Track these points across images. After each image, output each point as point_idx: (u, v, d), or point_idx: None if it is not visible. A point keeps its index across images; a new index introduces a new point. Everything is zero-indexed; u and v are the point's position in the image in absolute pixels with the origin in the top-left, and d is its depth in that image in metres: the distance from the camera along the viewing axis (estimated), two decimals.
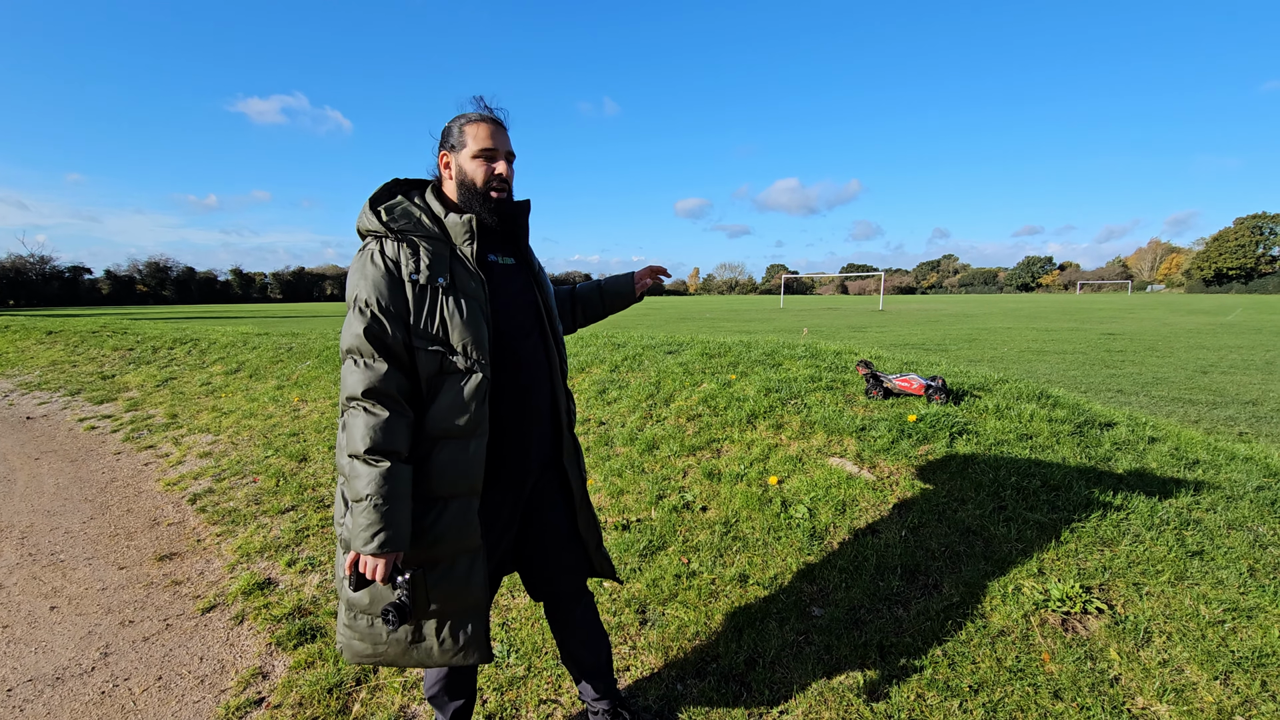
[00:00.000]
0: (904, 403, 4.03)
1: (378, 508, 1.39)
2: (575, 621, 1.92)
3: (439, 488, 1.50)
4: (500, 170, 1.60)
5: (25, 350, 11.84)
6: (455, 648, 1.56)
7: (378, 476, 1.40)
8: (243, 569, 3.29)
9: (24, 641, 2.73)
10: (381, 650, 1.58)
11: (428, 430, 1.50)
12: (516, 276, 1.70)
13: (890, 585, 2.55)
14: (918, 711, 2.00)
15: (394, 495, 1.41)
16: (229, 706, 2.26)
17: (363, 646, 1.58)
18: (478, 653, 1.58)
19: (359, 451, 1.41)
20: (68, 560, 3.52)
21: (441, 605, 1.54)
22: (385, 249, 1.50)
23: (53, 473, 5.12)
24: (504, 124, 1.64)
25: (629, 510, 3.41)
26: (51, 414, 7.31)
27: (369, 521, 1.39)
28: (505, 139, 1.63)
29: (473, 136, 1.59)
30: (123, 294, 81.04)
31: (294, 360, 7.92)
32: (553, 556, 1.84)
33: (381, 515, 1.39)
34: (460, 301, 1.50)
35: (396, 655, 1.58)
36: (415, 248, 1.51)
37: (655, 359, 5.53)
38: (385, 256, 1.49)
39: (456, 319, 1.49)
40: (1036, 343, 13.68)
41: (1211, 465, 3.29)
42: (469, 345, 1.50)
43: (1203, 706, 1.92)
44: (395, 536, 1.41)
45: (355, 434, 1.42)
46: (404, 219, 1.54)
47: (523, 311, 1.69)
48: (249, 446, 5.32)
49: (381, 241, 1.51)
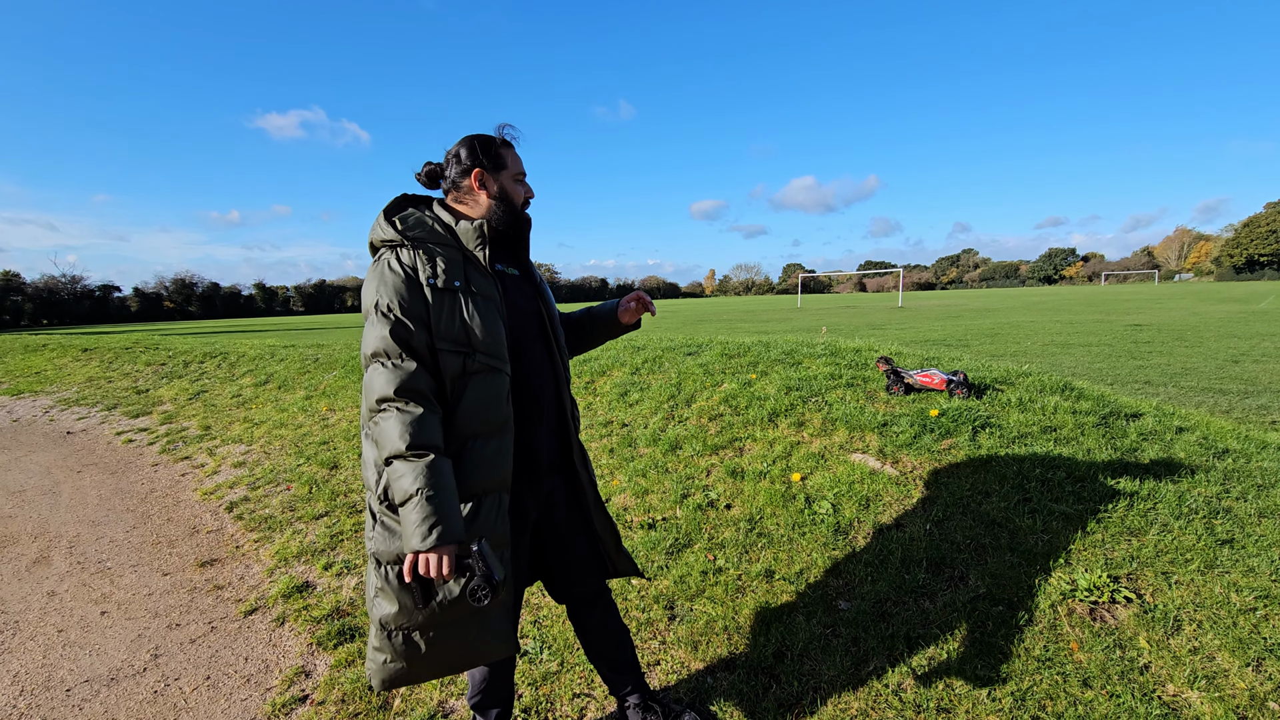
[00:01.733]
0: (926, 398, 4.03)
1: (430, 499, 1.39)
2: (596, 623, 1.98)
3: (473, 485, 1.53)
4: (530, 194, 1.79)
5: (63, 368, 12.21)
6: (490, 644, 1.62)
7: (424, 470, 1.40)
8: (281, 573, 3.40)
9: (78, 645, 2.85)
10: (416, 669, 1.57)
11: (458, 430, 1.53)
12: (521, 286, 1.77)
13: (916, 578, 2.57)
14: (946, 701, 2.02)
15: (443, 487, 1.41)
16: (275, 704, 2.35)
17: (396, 666, 1.56)
18: (505, 645, 1.63)
19: (400, 450, 1.42)
20: (114, 567, 3.65)
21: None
22: (401, 257, 1.55)
23: (95, 485, 5.30)
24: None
25: (654, 509, 3.46)
26: (90, 428, 7.55)
27: (422, 516, 1.38)
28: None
29: (511, 160, 1.74)
30: (151, 310, 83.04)
31: (320, 371, 8.09)
32: (571, 559, 1.88)
33: (435, 507, 1.39)
34: (479, 303, 1.56)
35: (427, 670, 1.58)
36: (431, 254, 1.56)
37: (675, 360, 5.58)
38: (402, 264, 1.54)
39: (477, 320, 1.54)
40: (1061, 336, 13.48)
41: (1242, 454, 3.26)
42: (490, 346, 1.55)
43: (1235, 693, 1.92)
44: (451, 527, 1.40)
45: (392, 434, 1.43)
46: (418, 227, 1.60)
47: (528, 319, 1.75)
48: (281, 455, 5.46)
49: (397, 250, 1.57)
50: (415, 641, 1.55)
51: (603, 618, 1.99)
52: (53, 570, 3.65)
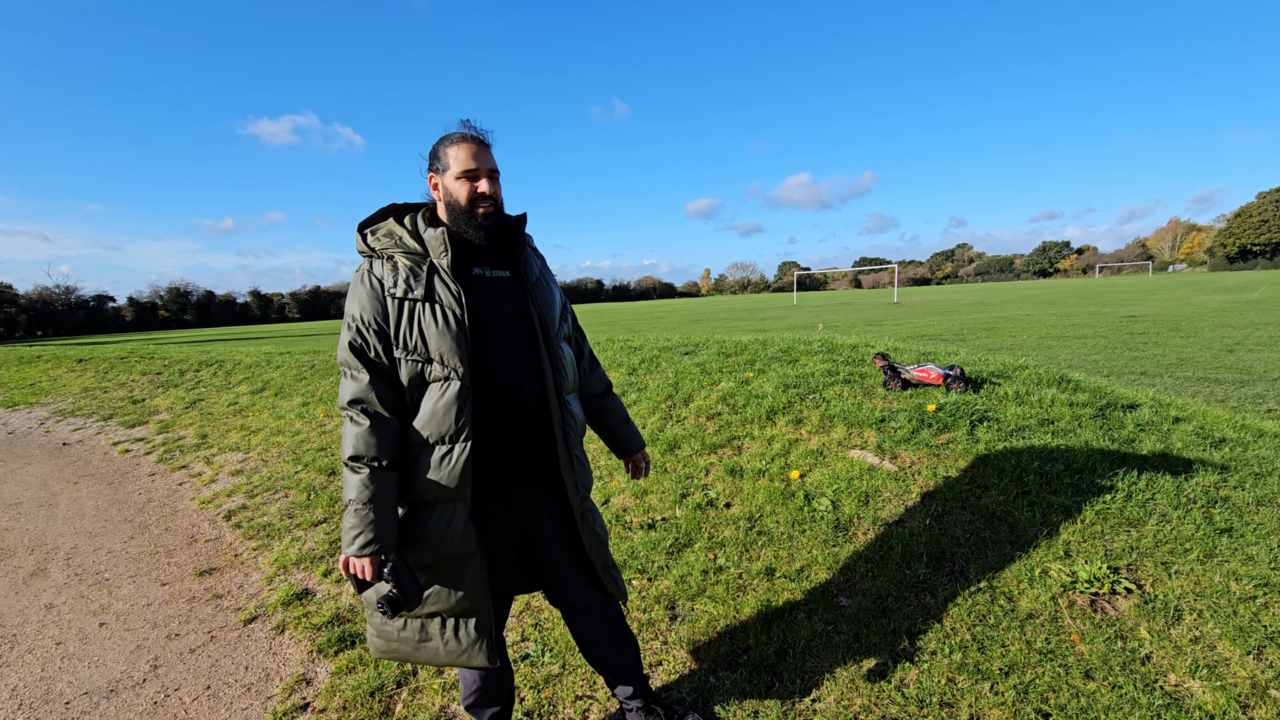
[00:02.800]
0: (923, 393, 4.03)
1: (358, 512, 1.52)
2: (592, 631, 1.94)
3: (426, 492, 1.59)
4: (483, 189, 1.64)
5: (58, 379, 12.16)
6: (459, 649, 1.65)
7: (358, 483, 1.53)
8: (280, 581, 3.38)
9: (77, 657, 2.83)
10: (394, 646, 1.70)
11: (412, 437, 1.59)
12: (507, 289, 1.70)
13: (917, 573, 2.57)
14: (949, 695, 2.02)
15: (374, 499, 1.53)
16: (276, 712, 2.34)
17: (379, 642, 1.71)
18: (483, 655, 1.65)
19: (345, 458, 1.56)
20: (112, 578, 3.63)
21: (441, 606, 1.64)
22: (374, 268, 1.61)
23: (92, 495, 5.28)
24: (487, 142, 1.69)
25: (654, 509, 3.45)
26: (86, 439, 7.52)
27: (351, 524, 1.52)
28: (487, 157, 1.66)
29: (454, 158, 1.64)
30: (146, 320, 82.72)
31: (317, 377, 8.07)
32: (560, 572, 1.84)
33: (361, 519, 1.51)
34: (436, 311, 1.56)
35: (409, 652, 1.69)
36: (396, 265, 1.60)
37: (672, 360, 5.58)
38: (373, 275, 1.60)
39: (432, 329, 1.55)
40: (1056, 329, 13.52)
41: (1239, 443, 3.27)
42: (445, 354, 1.55)
43: (1236, 681, 1.92)
44: (375, 538, 1.52)
45: (345, 442, 1.56)
46: (387, 239, 1.65)
47: (510, 323, 1.68)
48: (279, 463, 5.44)
49: (371, 261, 1.63)
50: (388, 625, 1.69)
51: (599, 626, 1.94)
52: (50, 582, 3.63)
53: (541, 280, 1.78)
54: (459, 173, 1.64)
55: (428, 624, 1.66)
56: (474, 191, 1.64)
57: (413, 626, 1.67)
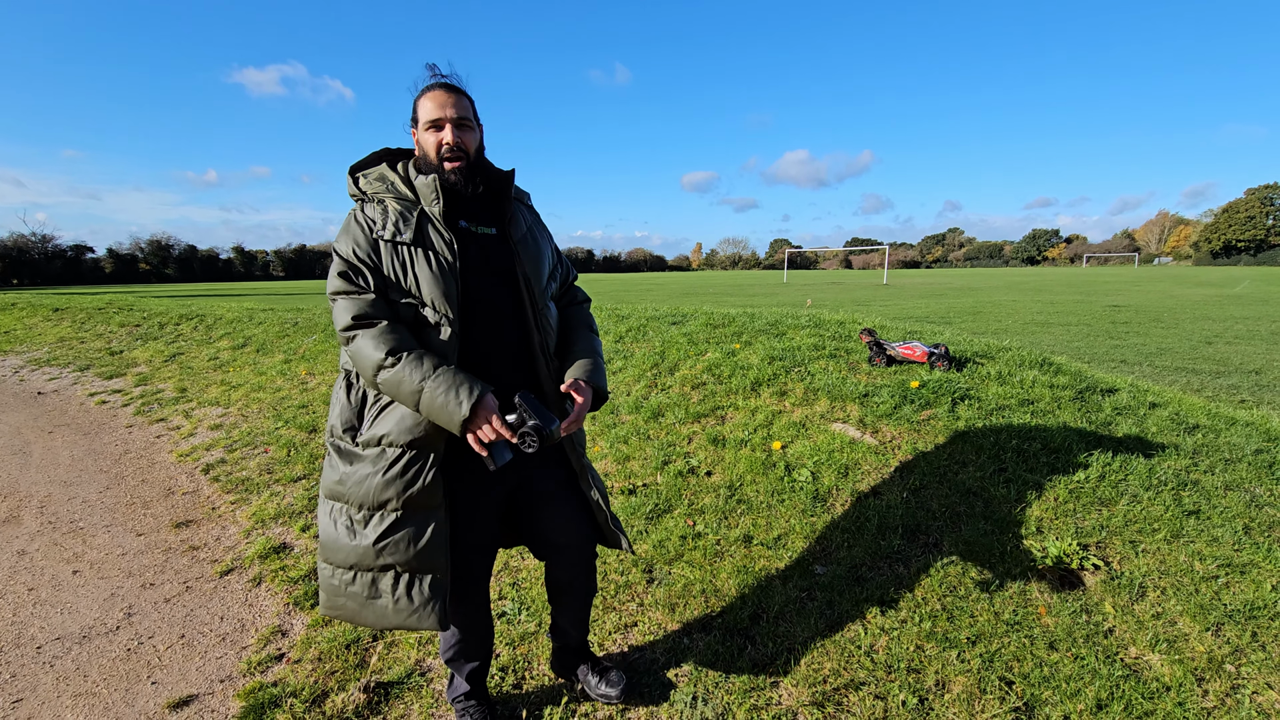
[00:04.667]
0: (907, 370, 4.05)
1: (442, 376, 1.45)
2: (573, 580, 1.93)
3: (396, 436, 1.55)
4: (446, 139, 1.59)
5: (33, 327, 11.91)
6: (409, 608, 1.58)
7: (413, 360, 1.47)
8: (258, 534, 3.37)
9: (49, 603, 2.81)
10: (340, 602, 1.63)
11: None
12: (493, 246, 1.67)
13: (891, 544, 2.60)
14: (916, 661, 2.07)
15: (441, 364, 1.47)
16: (251, 661, 2.34)
17: (324, 597, 1.67)
18: (433, 618, 1.58)
19: (381, 360, 1.47)
20: (86, 528, 3.60)
21: (398, 558, 1.57)
22: (365, 210, 1.59)
23: (67, 445, 5.20)
24: (457, 87, 1.62)
25: (635, 475, 3.47)
26: (62, 389, 7.40)
27: (446, 387, 1.44)
28: (455, 104, 1.59)
29: (422, 109, 1.61)
30: (125, 272, 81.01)
31: (300, 335, 7.96)
32: (550, 522, 1.82)
33: (446, 384, 1.44)
34: (428, 256, 1.55)
35: (355, 609, 1.62)
36: (386, 210, 1.58)
37: (660, 330, 5.56)
38: (365, 216, 1.58)
39: (426, 273, 1.54)
40: (1041, 315, 13.64)
41: (1211, 430, 3.32)
42: (436, 299, 1.54)
43: (1194, 656, 1.98)
44: (475, 384, 1.46)
45: (368, 352, 1.49)
46: (378, 184, 1.63)
47: (494, 280, 1.65)
48: (259, 418, 5.39)
49: (362, 204, 1.61)
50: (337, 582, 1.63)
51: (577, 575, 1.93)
52: (23, 529, 3.59)
53: (529, 237, 1.74)
54: (426, 123, 1.61)
55: (379, 578, 1.59)
56: (439, 144, 1.60)
57: (363, 581, 1.60)
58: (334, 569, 1.63)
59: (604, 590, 2.60)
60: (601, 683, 2.01)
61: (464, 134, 1.61)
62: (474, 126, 1.66)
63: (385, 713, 2.07)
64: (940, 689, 1.97)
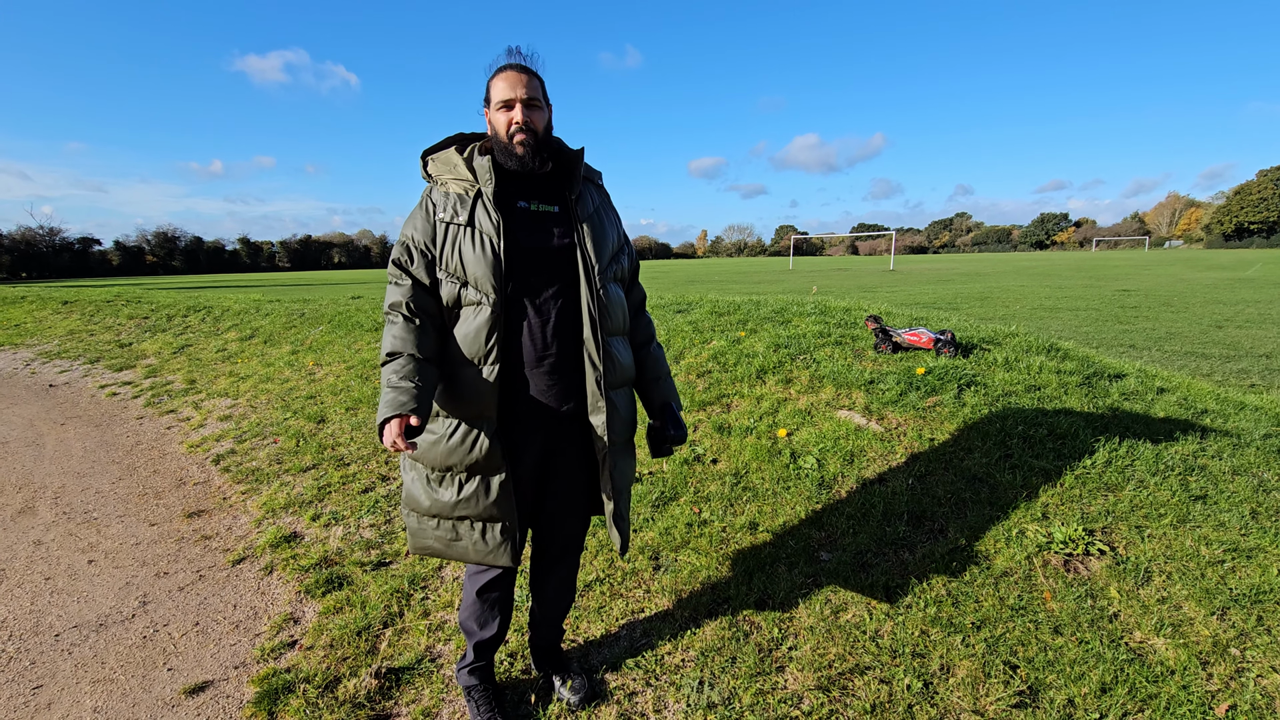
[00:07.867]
0: (913, 357, 4.04)
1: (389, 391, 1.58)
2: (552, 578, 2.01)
3: (454, 409, 1.69)
4: (516, 119, 1.65)
5: (43, 320, 12.01)
6: (486, 549, 1.75)
7: (388, 371, 1.63)
8: (269, 524, 3.41)
9: (66, 592, 2.86)
10: (428, 543, 1.81)
11: (450, 354, 1.69)
12: (551, 223, 1.71)
13: (897, 531, 2.61)
14: (921, 646, 2.08)
15: (401, 379, 1.59)
16: (264, 648, 2.38)
17: (413, 540, 1.84)
18: (506, 555, 1.76)
19: (382, 358, 1.67)
20: (100, 518, 3.65)
21: (470, 511, 1.73)
22: (432, 194, 1.71)
23: (79, 437, 5.27)
24: (529, 68, 1.68)
25: (641, 463, 3.48)
26: (73, 381, 7.47)
27: (384, 401, 1.58)
28: (525, 85, 1.65)
29: (494, 89, 1.68)
30: (132, 265, 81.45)
31: (307, 326, 8.00)
32: (561, 502, 1.87)
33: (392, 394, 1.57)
34: (475, 237, 1.63)
35: (441, 549, 1.80)
36: (446, 192, 1.70)
37: (665, 318, 5.56)
38: (430, 200, 1.71)
39: (470, 254, 1.62)
40: (1049, 300, 13.55)
41: (1220, 414, 3.31)
42: (479, 279, 1.62)
43: (1199, 640, 1.99)
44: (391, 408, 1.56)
45: (383, 342, 1.68)
46: (443, 166, 1.73)
47: (551, 259, 1.68)
48: (267, 409, 5.43)
49: (432, 188, 1.73)
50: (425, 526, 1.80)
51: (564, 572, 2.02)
52: (38, 520, 3.64)
53: (597, 216, 1.77)
54: (497, 103, 1.67)
55: (459, 525, 1.76)
56: (509, 124, 1.66)
57: (445, 526, 1.77)
58: (419, 516, 1.80)
59: (611, 577, 2.62)
60: (564, 688, 2.05)
61: (533, 113, 1.67)
62: (543, 106, 1.71)
63: (396, 698, 2.10)
64: (945, 673, 1.98)
